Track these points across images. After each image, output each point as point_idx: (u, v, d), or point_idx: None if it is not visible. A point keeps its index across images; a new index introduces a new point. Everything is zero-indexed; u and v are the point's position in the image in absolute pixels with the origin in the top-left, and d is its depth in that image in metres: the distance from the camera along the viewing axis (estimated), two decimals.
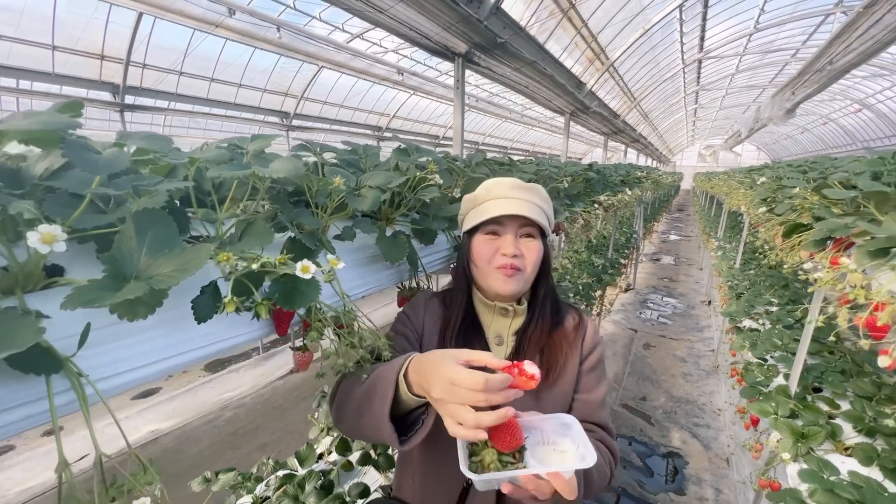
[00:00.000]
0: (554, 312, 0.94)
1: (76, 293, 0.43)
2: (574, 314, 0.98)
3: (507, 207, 0.85)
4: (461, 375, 0.54)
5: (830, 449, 1.48)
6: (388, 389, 0.65)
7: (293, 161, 0.62)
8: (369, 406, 0.68)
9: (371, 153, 1.09)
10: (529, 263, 0.87)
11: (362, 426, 0.72)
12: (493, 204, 0.87)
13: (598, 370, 0.94)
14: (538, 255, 0.89)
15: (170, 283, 0.46)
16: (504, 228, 0.88)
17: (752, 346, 2.30)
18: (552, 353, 0.89)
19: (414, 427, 0.68)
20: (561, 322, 0.94)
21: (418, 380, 0.63)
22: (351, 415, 0.75)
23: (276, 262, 0.50)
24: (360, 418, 0.71)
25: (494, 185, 0.90)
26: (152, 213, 0.51)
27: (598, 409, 0.90)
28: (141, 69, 7.49)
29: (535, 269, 0.89)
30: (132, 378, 0.56)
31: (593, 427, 0.89)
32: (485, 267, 0.88)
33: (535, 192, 0.92)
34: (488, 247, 0.87)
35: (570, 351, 0.90)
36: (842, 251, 1.40)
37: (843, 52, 6.25)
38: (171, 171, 0.63)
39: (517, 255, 0.85)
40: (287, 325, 0.72)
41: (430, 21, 3.07)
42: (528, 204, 0.87)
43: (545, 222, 0.90)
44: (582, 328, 0.95)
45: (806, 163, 2.45)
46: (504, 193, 0.88)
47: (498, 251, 0.86)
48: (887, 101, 14.07)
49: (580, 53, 7.87)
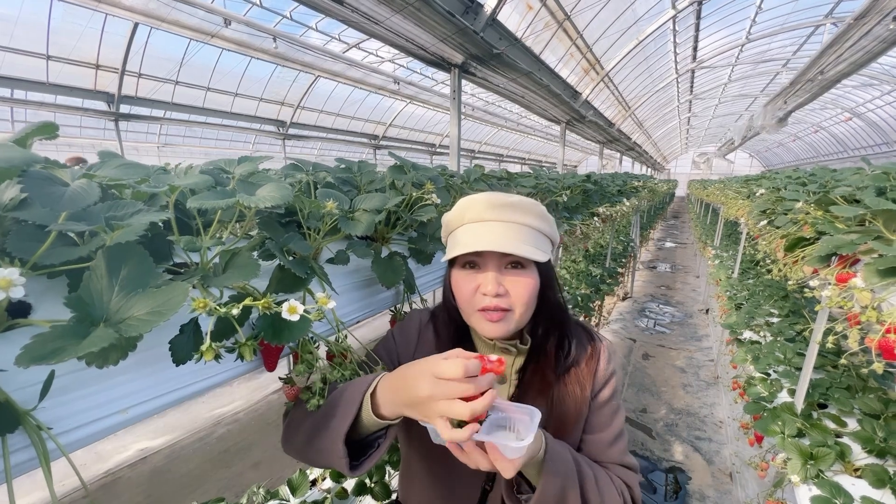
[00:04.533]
0: (559, 349, 0.79)
1: (34, 344, 0.38)
2: (587, 342, 0.83)
3: (480, 238, 0.68)
4: (443, 366, 0.53)
5: (840, 470, 1.44)
6: (350, 409, 0.61)
7: (282, 188, 0.58)
8: (325, 426, 0.63)
9: (366, 170, 1.05)
10: (518, 302, 0.70)
11: (314, 447, 0.65)
12: (466, 232, 0.71)
13: (612, 403, 0.81)
14: (530, 291, 0.71)
15: (142, 330, 0.42)
16: (483, 260, 0.72)
17: (754, 360, 2.27)
18: (560, 398, 0.76)
19: (367, 451, 0.64)
20: (570, 359, 0.79)
21: (392, 396, 0.59)
22: (302, 435, 0.67)
23: (260, 307, 0.45)
24: (312, 438, 0.65)
25: (468, 206, 0.73)
26: (126, 248, 0.47)
27: (609, 448, 0.78)
28: (136, 78, 7.47)
29: (529, 307, 0.72)
30: (104, 426, 0.51)
31: (609, 466, 0.77)
32: (466, 307, 0.73)
33: (521, 208, 0.72)
34: (467, 283, 0.72)
35: (582, 393, 0.78)
36: (847, 267, 1.38)
37: (833, 63, 6.34)
38: (151, 197, 0.59)
39: (500, 294, 0.69)
40: (276, 360, 0.67)
41: (426, 33, 3.06)
42: (510, 228, 0.70)
43: (538, 245, 0.71)
44: (595, 358, 0.81)
45: (805, 174, 2.43)
46: (479, 216, 0.71)
47: (478, 289, 0.70)
48: (878, 109, 14.26)
49: (575, 64, 7.93)
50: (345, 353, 0.75)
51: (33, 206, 0.47)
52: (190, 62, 7.94)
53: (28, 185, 0.41)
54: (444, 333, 0.83)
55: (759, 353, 2.29)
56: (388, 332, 0.91)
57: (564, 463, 0.66)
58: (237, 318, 0.50)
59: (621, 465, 0.78)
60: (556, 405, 0.75)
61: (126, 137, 10.06)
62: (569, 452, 0.69)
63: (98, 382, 0.51)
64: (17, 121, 8.69)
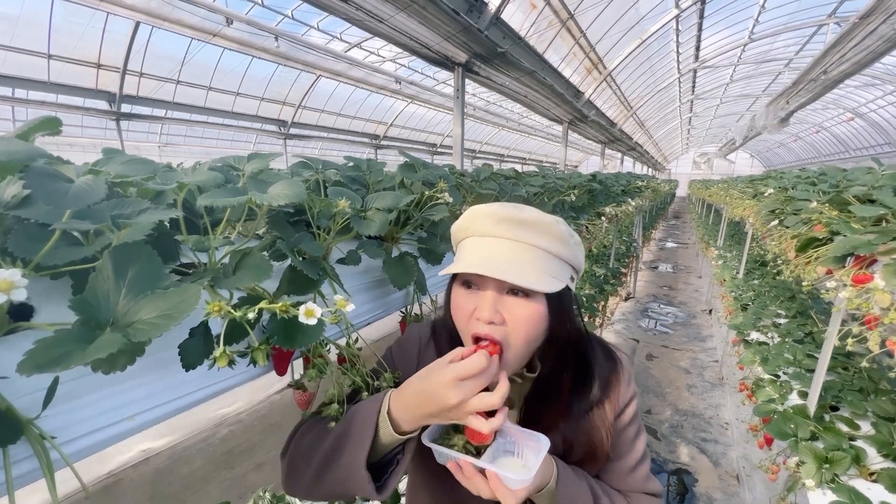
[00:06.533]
0: (577, 388, 0.69)
1: (38, 350, 0.36)
2: (607, 370, 0.73)
3: (479, 257, 0.60)
4: (464, 367, 0.52)
5: (855, 474, 1.42)
6: (367, 433, 0.58)
7: (295, 185, 0.56)
8: (338, 456, 0.59)
9: (375, 168, 1.03)
10: (515, 335, 0.60)
11: (327, 480, 0.60)
12: (469, 246, 0.63)
13: (633, 426, 0.74)
14: (531, 323, 0.60)
15: (152, 335, 0.39)
16: (483, 280, 0.61)
17: (763, 362, 2.24)
18: (581, 424, 0.69)
19: (388, 469, 0.62)
20: (590, 399, 0.70)
21: (414, 411, 0.57)
22: (312, 470, 0.62)
23: (278, 310, 0.43)
24: (324, 472, 0.61)
25: (475, 217, 0.64)
26: (134, 248, 0.45)
27: (629, 475, 0.72)
28: (138, 78, 7.45)
29: (526, 344, 0.61)
30: (110, 434, 0.49)
31: (630, 496, 0.72)
32: (463, 328, 0.64)
33: (534, 227, 0.61)
34: (466, 303, 0.63)
35: (602, 427, 0.69)
36: (864, 268, 1.35)
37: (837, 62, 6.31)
38: (157, 195, 0.57)
39: (495, 322, 0.59)
40: (287, 364, 0.65)
41: (430, 31, 3.03)
42: (517, 249, 0.60)
43: (549, 271, 0.60)
44: (615, 378, 0.73)
45: (814, 174, 2.41)
46: (485, 230, 0.62)
47: (473, 313, 0.61)
48: (880, 109, 14.21)
49: (578, 63, 7.90)
50: (355, 357, 0.73)
51: (36, 203, 0.45)
52: (191, 61, 7.92)
53: (31, 180, 0.39)
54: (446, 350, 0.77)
55: (768, 355, 2.27)
56: (387, 349, 0.85)
57: (579, 492, 0.63)
58: (251, 321, 0.48)
59: (644, 492, 0.73)
60: (574, 434, 0.68)
61: (127, 137, 10.06)
62: (585, 481, 0.66)
63: (104, 388, 0.48)
64: (18, 119, 8.69)
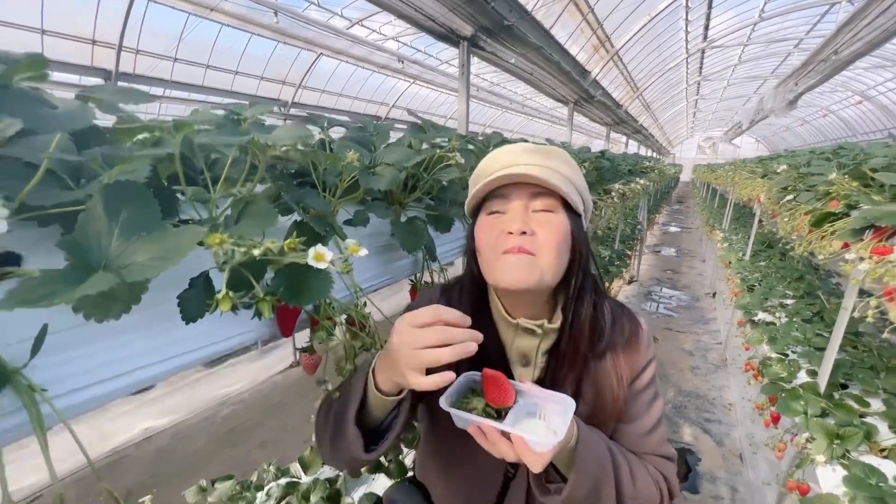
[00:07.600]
0: (596, 325, 0.69)
1: (22, 287, 0.32)
2: (626, 323, 0.74)
3: (509, 173, 0.62)
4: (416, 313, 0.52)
5: (865, 451, 1.40)
6: (357, 392, 0.60)
7: (299, 129, 0.52)
8: (340, 419, 0.62)
9: (382, 130, 0.98)
10: (547, 246, 0.61)
11: (336, 446, 0.63)
12: (496, 175, 0.65)
13: (649, 390, 0.74)
14: (559, 235, 0.62)
15: (146, 275, 0.36)
16: (509, 203, 0.64)
17: (770, 341, 2.22)
18: (594, 386, 0.69)
19: (385, 434, 0.63)
20: (604, 341, 0.70)
21: (384, 371, 0.58)
22: (328, 434, 0.65)
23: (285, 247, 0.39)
24: (334, 438, 0.64)
25: (499, 154, 0.67)
26: (127, 187, 0.41)
27: (645, 438, 0.72)
28: (134, 55, 7.28)
29: (558, 255, 0.62)
30: (105, 391, 0.46)
31: (645, 457, 0.72)
32: (488, 254, 0.64)
33: (554, 155, 0.67)
34: (492, 228, 0.64)
35: (619, 381, 0.70)
36: (885, 241, 1.31)
37: (848, 42, 6.13)
38: (155, 143, 0.53)
39: (526, 231, 0.60)
40: (293, 325, 0.62)
41: (436, 2, 2.93)
42: (544, 171, 0.62)
43: (571, 192, 0.64)
44: (634, 343, 0.73)
45: (829, 150, 2.35)
46: (510, 161, 0.65)
47: (502, 232, 0.62)
48: (888, 92, 13.93)
49: (585, 40, 7.71)
50: (365, 320, 0.70)
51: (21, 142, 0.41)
52: (189, 38, 7.73)
53: (12, 102, 0.34)
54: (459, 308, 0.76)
55: (777, 334, 2.24)
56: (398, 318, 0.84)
57: (599, 453, 0.61)
58: (253, 269, 0.44)
59: (658, 455, 0.73)
60: (589, 393, 0.68)
61: None
62: (603, 441, 0.64)
63: (99, 341, 0.45)
64: None
